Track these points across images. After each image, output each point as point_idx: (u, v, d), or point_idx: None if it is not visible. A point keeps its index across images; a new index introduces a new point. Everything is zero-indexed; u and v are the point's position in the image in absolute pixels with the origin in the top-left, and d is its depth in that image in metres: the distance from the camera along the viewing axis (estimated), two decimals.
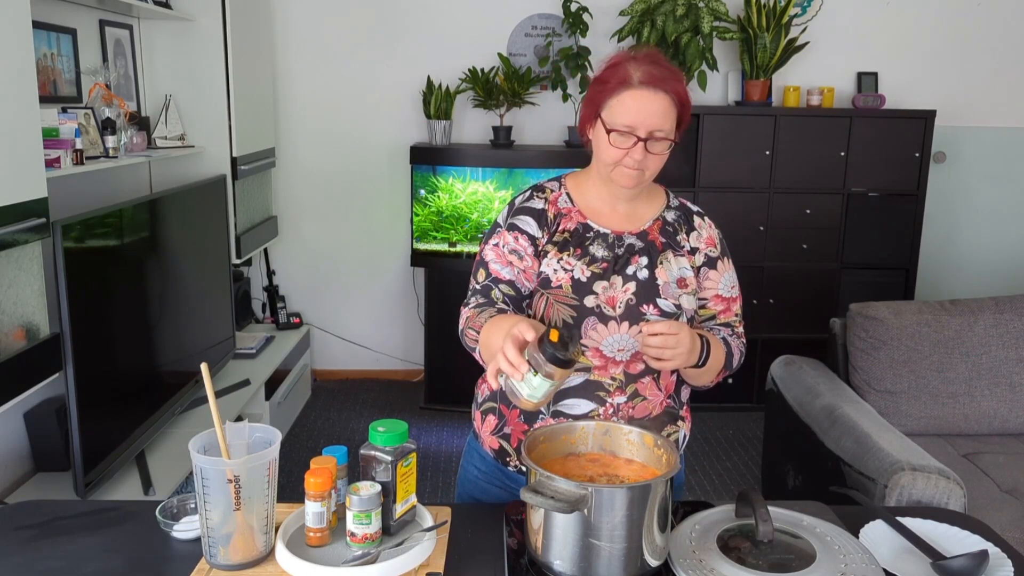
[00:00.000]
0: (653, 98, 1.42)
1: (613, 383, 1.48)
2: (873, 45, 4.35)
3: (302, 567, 1.22)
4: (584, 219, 1.53)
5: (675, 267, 1.52)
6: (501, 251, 1.52)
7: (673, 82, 1.43)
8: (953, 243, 4.60)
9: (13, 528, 1.38)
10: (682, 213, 1.59)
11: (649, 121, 1.42)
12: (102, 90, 2.88)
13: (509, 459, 1.55)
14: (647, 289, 1.49)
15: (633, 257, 1.51)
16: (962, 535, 1.41)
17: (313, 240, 4.49)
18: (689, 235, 1.57)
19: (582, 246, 1.51)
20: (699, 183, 4.00)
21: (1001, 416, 2.72)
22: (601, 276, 1.49)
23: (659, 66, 1.44)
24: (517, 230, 1.52)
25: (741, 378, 4.21)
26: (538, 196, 1.56)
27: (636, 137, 1.42)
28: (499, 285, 1.50)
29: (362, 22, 4.26)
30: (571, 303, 1.47)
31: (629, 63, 1.44)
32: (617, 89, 1.43)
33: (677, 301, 1.49)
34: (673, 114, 1.44)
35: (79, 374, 2.25)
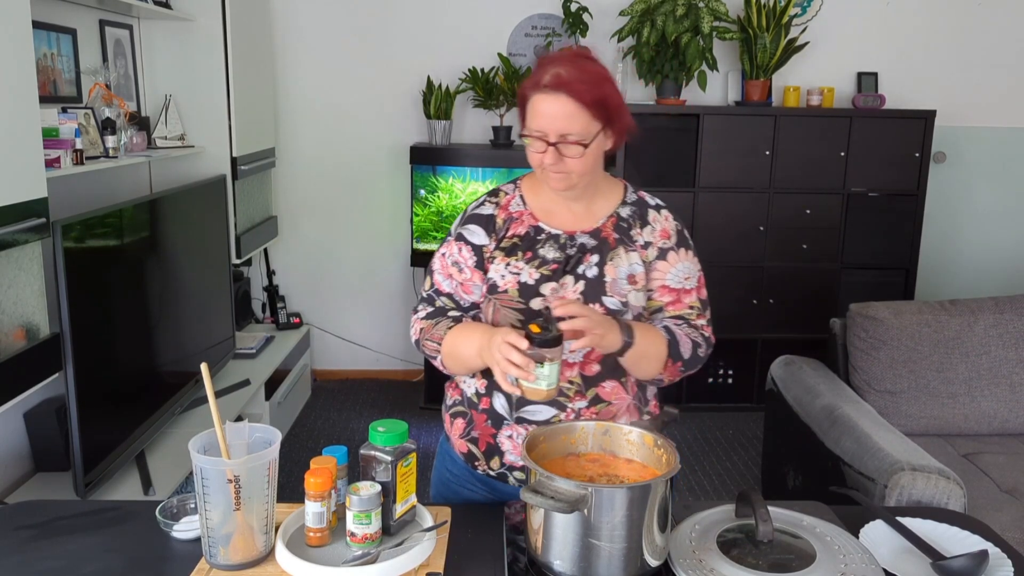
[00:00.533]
0: (555, 102, 1.39)
1: (571, 387, 1.47)
2: (873, 45, 4.35)
3: (302, 567, 1.22)
4: (536, 221, 1.53)
5: (625, 263, 1.50)
6: (445, 261, 1.56)
7: (579, 84, 1.39)
8: (953, 243, 4.60)
9: (13, 528, 1.38)
10: (638, 208, 1.56)
11: (555, 125, 1.40)
12: (102, 90, 2.88)
13: (478, 463, 1.55)
14: (595, 287, 1.47)
15: (585, 256, 1.49)
16: (962, 535, 1.41)
17: (313, 240, 4.49)
18: (643, 229, 1.54)
19: (532, 249, 1.50)
20: (699, 183, 4.00)
21: (1001, 416, 2.72)
22: (550, 278, 1.48)
23: (570, 66, 1.40)
24: (463, 240, 1.54)
25: (741, 378, 4.22)
26: (490, 201, 1.57)
27: (546, 142, 1.41)
28: (440, 297, 1.56)
29: (362, 22, 4.26)
30: (517, 307, 1.47)
31: (546, 65, 1.42)
32: (530, 93, 1.43)
33: (624, 298, 1.48)
34: (583, 116, 1.40)
35: (79, 374, 2.25)
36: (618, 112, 1.45)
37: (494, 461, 1.52)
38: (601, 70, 1.46)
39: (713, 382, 4.23)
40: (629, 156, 3.96)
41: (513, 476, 1.52)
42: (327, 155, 4.39)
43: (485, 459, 1.53)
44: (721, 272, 4.07)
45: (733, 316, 4.11)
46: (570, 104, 1.39)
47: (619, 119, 1.46)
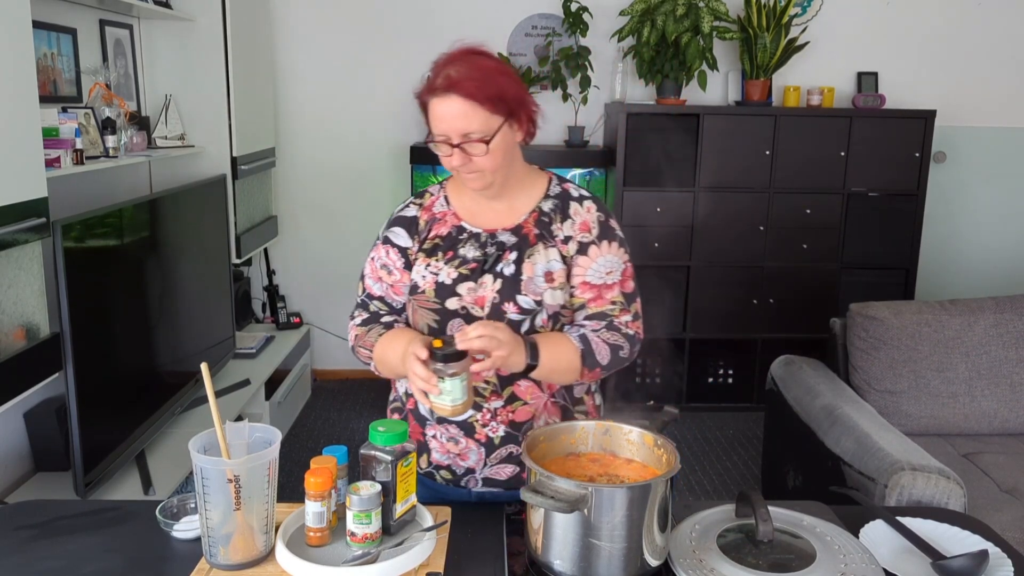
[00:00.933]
0: (449, 103, 1.38)
1: (488, 387, 1.47)
2: (873, 45, 4.35)
3: (302, 567, 1.22)
4: (459, 221, 1.53)
5: (543, 260, 1.47)
6: (375, 265, 1.57)
7: (469, 82, 1.37)
8: (953, 243, 4.60)
9: (13, 528, 1.38)
10: (560, 200, 1.52)
11: (453, 125, 1.39)
12: (102, 90, 2.88)
13: None
14: (510, 286, 1.46)
15: (505, 253, 1.47)
16: (962, 535, 1.41)
17: (313, 240, 4.49)
18: (563, 223, 1.49)
19: (454, 248, 1.50)
20: (699, 183, 4.00)
21: (1001, 416, 2.72)
22: (468, 277, 1.47)
23: (459, 65, 1.39)
24: (389, 243, 1.55)
25: (741, 378, 4.22)
26: (414, 203, 1.58)
27: (450, 144, 1.40)
28: (372, 300, 1.57)
29: (362, 22, 4.26)
30: (432, 307, 1.48)
31: (438, 68, 1.41)
32: (427, 98, 1.42)
33: (539, 297, 1.45)
34: (480, 113, 1.38)
35: (79, 374, 2.25)
36: (519, 103, 1.43)
37: (423, 459, 1.54)
38: (493, 64, 1.43)
39: (713, 382, 4.23)
40: (629, 156, 3.96)
41: (439, 475, 1.54)
42: (327, 155, 4.39)
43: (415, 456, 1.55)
44: (721, 272, 4.07)
45: (733, 316, 4.11)
46: (464, 103, 1.37)
47: (521, 109, 1.43)
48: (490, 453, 1.49)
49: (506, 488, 1.52)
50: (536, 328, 1.47)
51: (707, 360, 4.20)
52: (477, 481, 1.52)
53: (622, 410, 1.49)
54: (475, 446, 1.49)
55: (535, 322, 1.46)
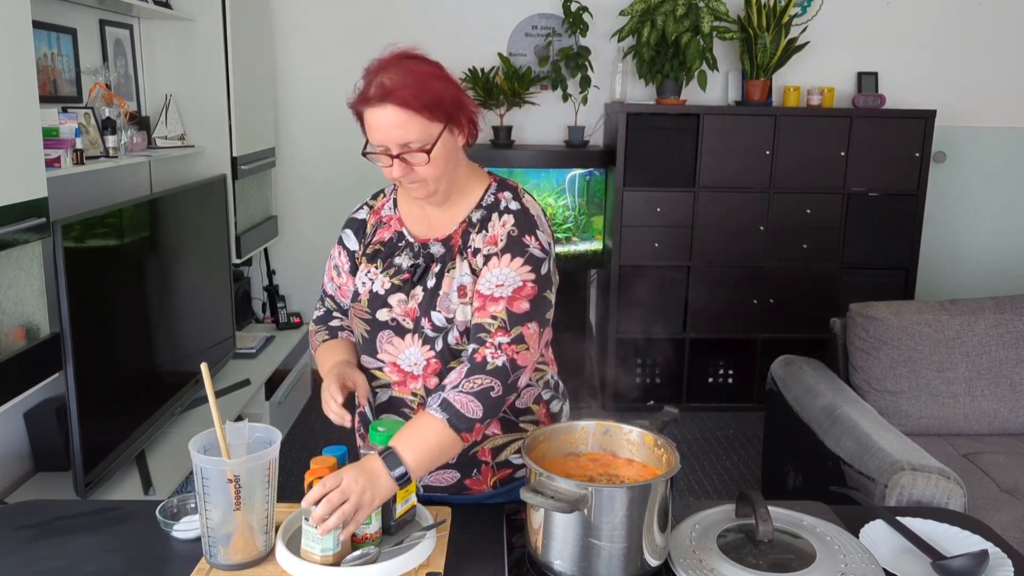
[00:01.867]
0: (385, 112, 1.31)
1: (415, 399, 1.45)
2: (873, 45, 4.35)
3: (302, 567, 1.22)
4: (401, 227, 1.50)
5: (458, 274, 1.40)
6: (331, 264, 1.58)
7: (403, 90, 1.30)
8: (953, 243, 4.60)
9: (13, 528, 1.38)
10: (488, 211, 1.44)
11: (391, 135, 1.32)
12: (102, 90, 2.88)
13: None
14: (428, 301, 1.41)
15: (432, 265, 1.43)
16: (962, 535, 1.41)
17: (313, 240, 4.49)
18: (479, 235, 1.42)
19: (391, 256, 1.47)
20: (699, 183, 4.00)
21: (1001, 416, 2.72)
22: (401, 288, 1.43)
23: (392, 72, 1.32)
24: (341, 244, 1.56)
25: (741, 378, 4.22)
26: (366, 205, 1.57)
27: (389, 155, 1.34)
28: (327, 298, 1.61)
29: (362, 22, 4.26)
30: (365, 317, 1.47)
31: (370, 76, 1.34)
32: (361, 108, 1.35)
33: (451, 314, 1.39)
34: (417, 121, 1.31)
35: (79, 374, 2.25)
36: (457, 106, 1.36)
37: None
38: (428, 68, 1.35)
39: (713, 382, 4.23)
40: (629, 156, 3.96)
41: None
42: (327, 155, 4.39)
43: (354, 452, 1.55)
44: (721, 272, 4.07)
45: (733, 316, 4.11)
46: (400, 113, 1.30)
47: (460, 112, 1.36)
48: None
49: (451, 493, 1.51)
50: (450, 346, 1.40)
51: (707, 360, 4.20)
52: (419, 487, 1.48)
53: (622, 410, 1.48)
54: None
55: (448, 340, 1.41)
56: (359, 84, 1.36)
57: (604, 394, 4.11)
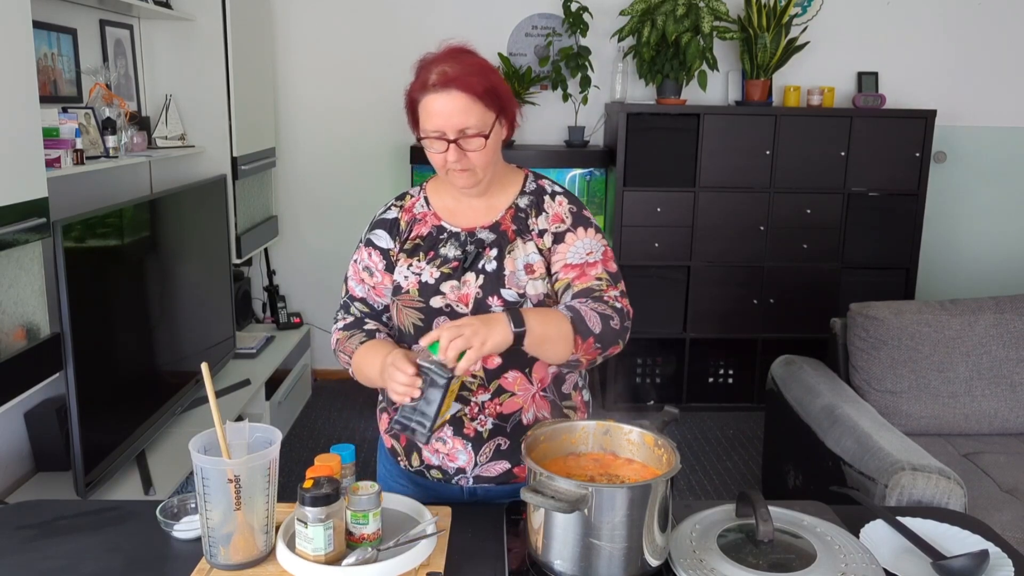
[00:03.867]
0: (448, 98, 1.39)
1: (474, 381, 1.48)
2: (873, 45, 4.35)
3: (303, 567, 1.22)
4: (439, 221, 1.54)
5: (522, 254, 1.49)
6: (357, 267, 1.59)
7: (467, 77, 1.39)
8: (953, 243, 4.60)
9: (13, 528, 1.38)
10: (535, 196, 1.55)
11: (452, 121, 1.40)
12: (102, 90, 2.88)
13: (399, 458, 1.58)
14: (493, 281, 1.47)
15: (485, 250, 1.50)
16: (962, 535, 1.41)
17: (313, 240, 4.49)
18: (538, 218, 1.53)
19: (435, 248, 1.52)
20: (699, 183, 4.00)
21: (1001, 416, 2.72)
22: (451, 276, 1.49)
23: (453, 62, 1.41)
24: (371, 246, 1.57)
25: (741, 378, 4.22)
26: (395, 205, 1.60)
27: (446, 140, 1.41)
28: (354, 303, 1.59)
29: (362, 22, 4.26)
30: (417, 306, 1.49)
31: (428, 66, 1.42)
32: (419, 95, 1.43)
33: (522, 290, 1.47)
34: (477, 108, 1.40)
35: (79, 374, 2.25)
36: (508, 100, 1.46)
37: (414, 458, 1.55)
38: (483, 61, 1.46)
39: (713, 382, 4.23)
40: (630, 156, 3.96)
41: (430, 474, 1.54)
42: (327, 155, 4.39)
43: (405, 455, 1.56)
44: (721, 272, 4.07)
45: (733, 316, 4.11)
46: (463, 98, 1.39)
47: (510, 107, 1.47)
48: (479, 448, 1.50)
49: (497, 483, 1.53)
50: None
51: (707, 360, 4.20)
52: (468, 479, 1.52)
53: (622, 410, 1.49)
54: (462, 446, 1.50)
55: None
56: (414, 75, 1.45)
57: (604, 394, 4.11)
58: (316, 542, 1.22)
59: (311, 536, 1.22)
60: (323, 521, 1.22)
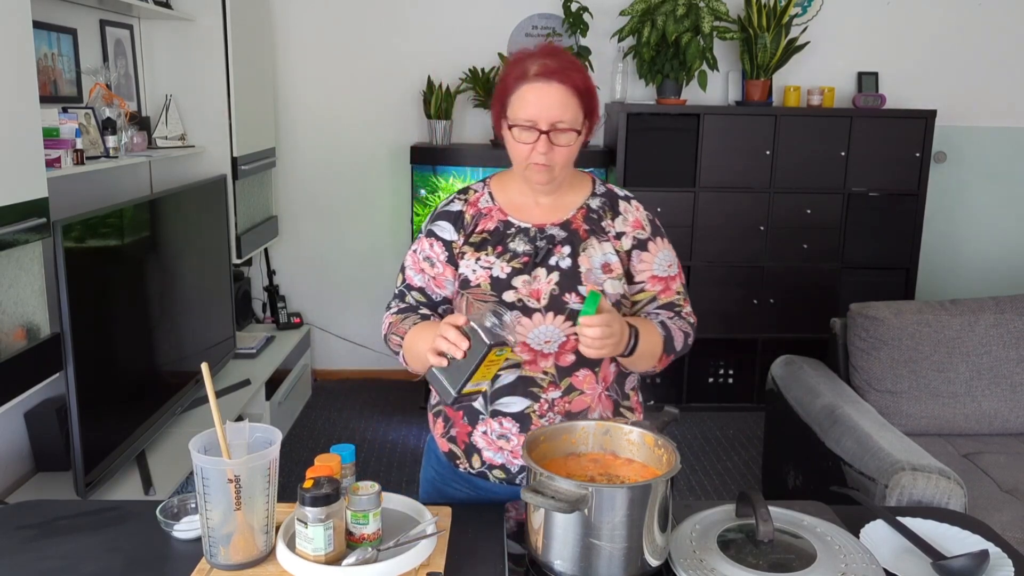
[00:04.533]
0: (549, 89, 1.42)
1: (546, 377, 1.48)
2: (873, 45, 4.35)
3: (303, 567, 1.22)
4: (505, 216, 1.55)
5: (599, 253, 1.51)
6: (417, 257, 1.58)
7: (570, 71, 1.43)
8: (953, 243, 4.60)
9: (13, 528, 1.38)
10: (607, 199, 1.58)
11: (548, 113, 1.42)
12: (102, 90, 2.88)
13: (459, 461, 1.56)
14: (569, 278, 1.49)
15: (556, 248, 1.51)
16: (962, 535, 1.41)
17: (313, 240, 4.49)
18: (615, 220, 1.55)
19: (503, 243, 1.52)
20: (699, 183, 4.00)
21: (1002, 416, 2.72)
22: (522, 271, 1.49)
23: (555, 58, 1.44)
24: (433, 236, 1.57)
25: (742, 378, 4.22)
26: (459, 199, 1.59)
27: (538, 130, 1.43)
28: (412, 291, 1.58)
29: (362, 22, 4.26)
30: (489, 300, 1.49)
31: (527, 59, 1.45)
32: (515, 84, 1.45)
33: (601, 286, 1.49)
34: (574, 104, 1.43)
35: (79, 374, 2.25)
36: (597, 105, 1.50)
37: (474, 459, 1.54)
38: (579, 62, 1.49)
39: (713, 382, 4.23)
40: (630, 156, 3.96)
41: (492, 475, 1.53)
42: (327, 155, 4.39)
43: (466, 457, 1.55)
44: (721, 272, 4.07)
45: (733, 316, 4.11)
46: (563, 91, 1.42)
47: (596, 112, 1.50)
48: None
49: None
50: None
51: (707, 360, 4.20)
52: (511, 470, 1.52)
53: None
54: None
55: None
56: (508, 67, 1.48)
57: None
58: (316, 542, 1.22)
59: (311, 536, 1.22)
60: (323, 521, 1.22)
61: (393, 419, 4.07)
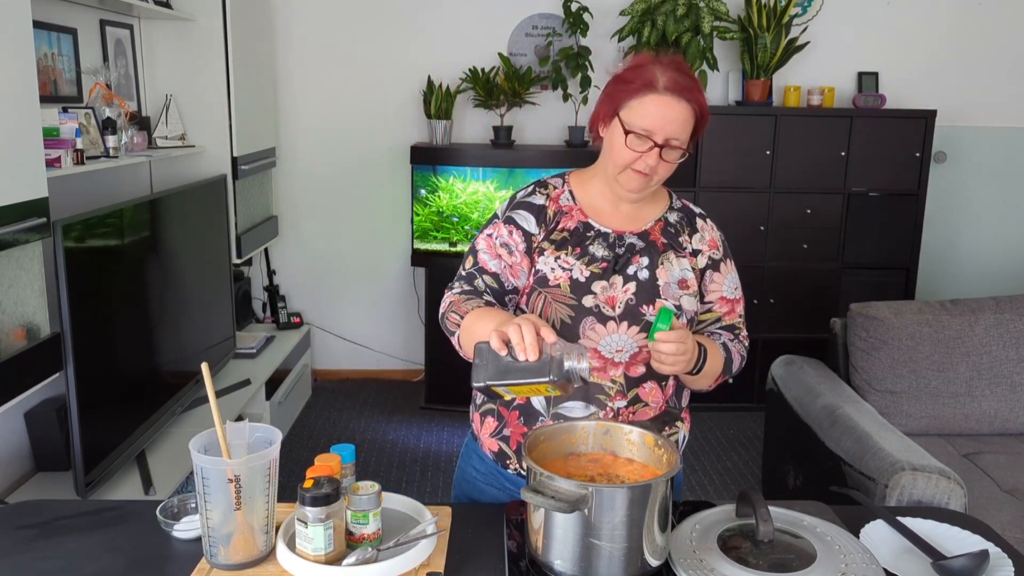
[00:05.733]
0: (676, 106, 1.42)
1: (613, 386, 1.47)
2: (873, 45, 4.35)
3: (303, 567, 1.22)
4: (585, 218, 1.52)
5: (676, 268, 1.51)
6: (493, 242, 1.53)
7: (696, 92, 1.44)
8: (953, 243, 4.60)
9: (13, 528, 1.38)
10: (685, 215, 1.58)
11: (669, 128, 1.41)
12: (102, 90, 2.88)
13: (509, 461, 1.54)
14: (647, 290, 1.47)
15: (634, 257, 1.49)
16: (963, 535, 1.41)
17: (313, 240, 4.49)
18: (692, 237, 1.56)
19: (582, 245, 1.50)
20: (699, 183, 4.00)
21: (1002, 416, 2.72)
22: (600, 276, 1.48)
23: (684, 75, 1.44)
24: (513, 224, 1.52)
25: (741, 378, 4.20)
26: (540, 192, 1.55)
27: (653, 142, 1.42)
28: (483, 275, 1.51)
29: (362, 22, 4.26)
30: (569, 303, 1.47)
31: (655, 66, 1.44)
32: (641, 91, 1.43)
33: (678, 302, 1.48)
34: (691, 124, 1.44)
35: (79, 374, 2.25)
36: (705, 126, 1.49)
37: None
38: (699, 82, 1.50)
39: None
40: None
41: None
42: (327, 155, 4.39)
43: (517, 458, 1.53)
44: None
45: None
46: (687, 110, 1.42)
47: (700, 132, 1.49)
48: None
49: None
50: None
51: None
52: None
53: None
54: None
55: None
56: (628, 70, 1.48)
57: None
58: (316, 542, 1.22)
59: (311, 536, 1.22)
60: (323, 521, 1.21)
61: (393, 419, 4.07)
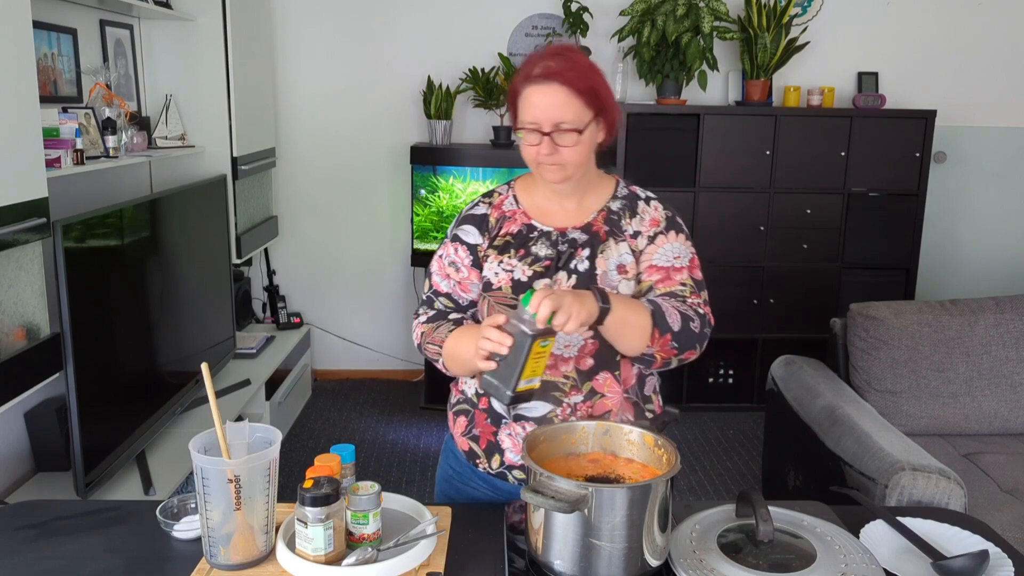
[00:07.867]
0: (548, 91, 1.41)
1: (567, 382, 1.48)
2: (873, 45, 4.35)
3: (303, 567, 1.22)
4: (529, 219, 1.55)
5: (615, 254, 1.51)
6: (443, 263, 1.58)
7: (568, 72, 1.41)
8: (953, 243, 4.60)
9: (13, 528, 1.38)
10: (628, 201, 1.57)
11: (551, 113, 1.41)
12: (102, 90, 2.88)
13: (479, 460, 1.55)
14: (586, 280, 1.48)
15: (577, 251, 1.51)
16: (962, 535, 1.41)
17: (313, 240, 4.49)
18: (632, 219, 1.54)
19: (525, 246, 1.52)
20: (699, 183, 4.00)
21: (1002, 416, 2.72)
22: (543, 274, 1.49)
23: (558, 58, 1.43)
24: (458, 241, 1.57)
25: (741, 378, 4.22)
26: (484, 202, 1.59)
27: (541, 132, 1.42)
28: (439, 297, 1.58)
29: (362, 22, 4.26)
30: (510, 303, 1.48)
31: (534, 60, 1.45)
32: (521, 87, 1.45)
33: (615, 289, 1.49)
34: (575, 104, 1.41)
35: (79, 374, 2.25)
36: (608, 102, 1.47)
37: (494, 459, 1.53)
38: (589, 62, 1.48)
39: (713, 382, 4.23)
40: (630, 156, 3.96)
41: (512, 475, 1.52)
42: (327, 155, 4.39)
43: (486, 457, 1.54)
44: (721, 272, 4.06)
45: (733, 316, 4.11)
46: (562, 92, 1.41)
47: (610, 109, 1.47)
48: None
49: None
50: None
51: (707, 360, 4.19)
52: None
53: None
54: None
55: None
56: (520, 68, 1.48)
57: None
58: (316, 542, 1.22)
59: (311, 536, 1.22)
60: (323, 521, 1.21)
61: (393, 419, 4.07)
